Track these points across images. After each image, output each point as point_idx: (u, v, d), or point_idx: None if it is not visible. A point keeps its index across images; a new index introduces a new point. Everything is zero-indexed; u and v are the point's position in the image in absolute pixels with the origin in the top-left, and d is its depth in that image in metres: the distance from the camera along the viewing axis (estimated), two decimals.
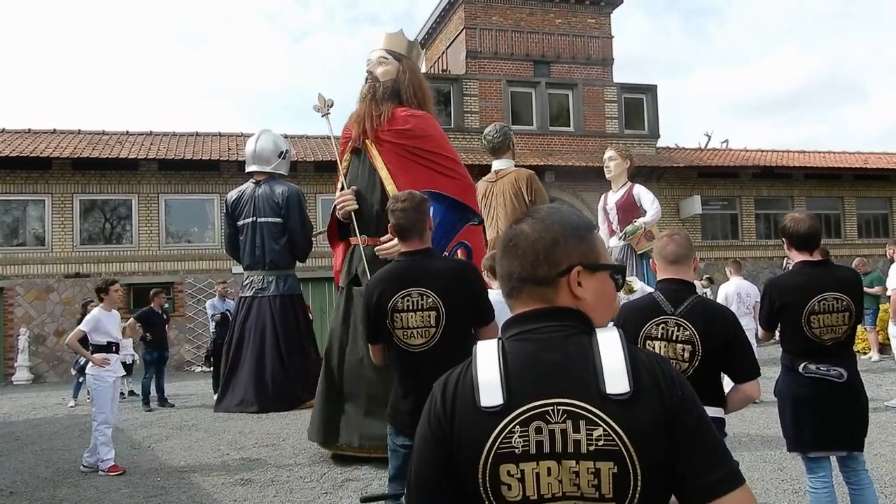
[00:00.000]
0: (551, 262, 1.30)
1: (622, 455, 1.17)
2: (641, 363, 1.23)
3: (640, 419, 1.18)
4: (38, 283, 16.75)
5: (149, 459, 6.85)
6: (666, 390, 1.22)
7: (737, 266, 9.57)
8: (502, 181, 6.38)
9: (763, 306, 3.58)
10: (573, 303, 1.30)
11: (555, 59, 20.96)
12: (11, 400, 12.38)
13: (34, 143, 17.12)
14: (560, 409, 1.20)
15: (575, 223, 1.35)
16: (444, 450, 1.26)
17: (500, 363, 1.25)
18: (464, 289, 3.07)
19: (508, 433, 1.20)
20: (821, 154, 23.73)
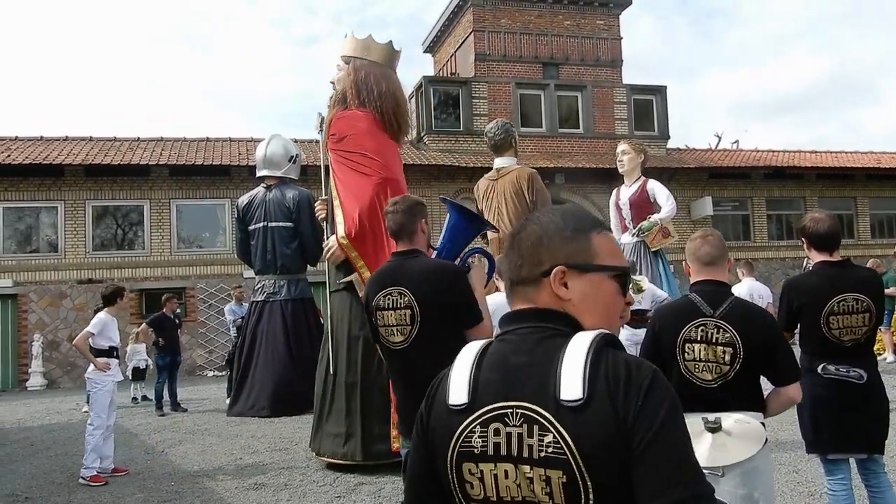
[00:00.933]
0: (533, 261, 1.29)
1: (570, 465, 1.12)
2: (605, 369, 1.16)
3: (590, 428, 1.12)
4: (52, 290, 16.85)
5: (162, 464, 6.88)
6: (623, 398, 1.13)
7: (749, 267, 9.50)
8: (503, 179, 6.30)
9: (781, 306, 3.53)
10: (557, 304, 1.27)
11: (564, 61, 20.94)
12: (26, 405, 12.46)
13: (46, 151, 17.25)
14: (518, 413, 1.18)
15: (565, 223, 1.32)
16: (425, 446, 1.30)
17: (473, 363, 1.27)
18: (439, 289, 3.07)
19: (469, 432, 1.21)
20: (833, 154, 23.60)
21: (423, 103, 19.89)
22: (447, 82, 20.92)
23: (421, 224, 3.25)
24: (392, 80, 6.03)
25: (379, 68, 5.99)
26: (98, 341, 6.66)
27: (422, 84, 20.04)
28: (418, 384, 3.18)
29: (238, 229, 11.00)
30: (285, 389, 9.77)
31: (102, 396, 6.52)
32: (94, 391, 6.57)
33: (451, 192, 19.07)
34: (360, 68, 5.93)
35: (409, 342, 3.12)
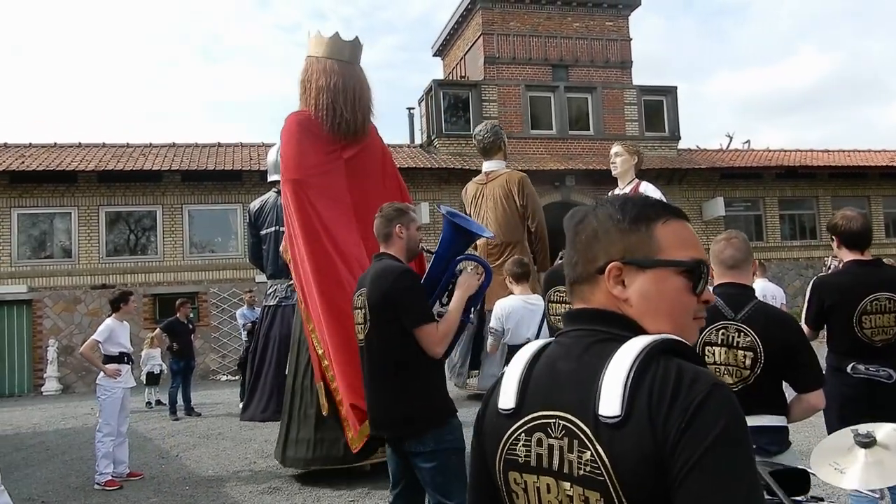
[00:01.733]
0: (588, 257, 1.17)
1: (607, 486, 1.02)
2: (650, 382, 1.03)
3: (627, 448, 1.01)
4: (66, 295, 16.97)
5: (177, 468, 6.91)
6: (664, 417, 1.00)
7: (762, 268, 9.47)
8: (493, 183, 6.20)
9: (811, 305, 3.49)
10: (613, 304, 1.15)
11: (573, 63, 20.92)
12: (41, 410, 12.55)
13: (60, 157, 17.38)
14: (560, 424, 1.09)
15: (623, 213, 1.18)
16: (481, 450, 1.24)
17: (525, 365, 1.19)
18: (380, 289, 3.14)
19: (515, 440, 1.15)
20: (845, 153, 23.44)
21: (433, 107, 19.91)
22: (457, 86, 20.93)
23: (396, 229, 3.30)
24: (335, 72, 5.75)
25: (323, 63, 5.78)
26: (108, 347, 6.64)
27: (431, 88, 20.07)
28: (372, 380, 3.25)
29: (250, 234, 11.03)
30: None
31: (112, 403, 6.50)
32: (103, 398, 6.55)
33: (461, 195, 19.07)
34: (305, 67, 5.85)
35: (364, 340, 3.24)
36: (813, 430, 6.64)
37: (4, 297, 16.61)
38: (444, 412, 3.17)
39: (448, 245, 3.40)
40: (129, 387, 6.81)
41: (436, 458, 3.07)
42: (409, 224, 3.34)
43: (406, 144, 21.06)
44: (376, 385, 3.24)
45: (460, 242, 3.43)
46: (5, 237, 16.81)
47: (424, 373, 3.14)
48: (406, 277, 3.16)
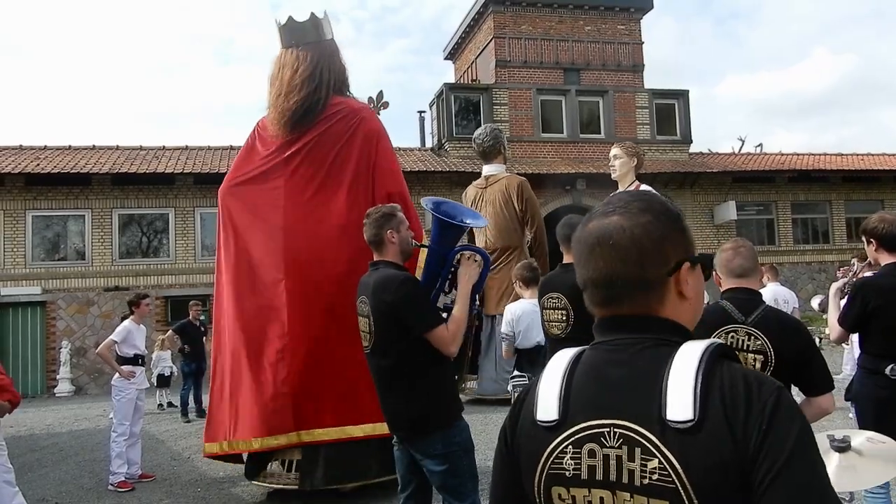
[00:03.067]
0: (662, 259, 1.13)
1: (678, 493, 0.99)
2: (720, 385, 1.02)
3: (703, 455, 0.99)
4: (79, 297, 17.10)
5: (189, 470, 6.95)
6: (743, 422, 0.99)
7: (774, 272, 9.39)
8: (492, 188, 6.12)
9: (853, 307, 3.46)
10: (679, 305, 1.14)
11: (585, 67, 20.90)
12: (54, 412, 12.64)
13: (74, 160, 17.52)
14: (616, 433, 1.05)
15: (674, 210, 1.18)
16: (511, 463, 1.19)
17: (564, 374, 1.14)
18: (382, 299, 3.15)
19: (560, 453, 1.09)
20: (859, 156, 23.29)
21: (444, 110, 19.94)
22: (468, 89, 20.96)
23: (387, 235, 3.30)
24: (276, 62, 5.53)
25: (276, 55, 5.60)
26: (123, 349, 6.73)
27: (443, 91, 20.10)
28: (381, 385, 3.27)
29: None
30: None
31: (126, 404, 6.57)
32: (118, 398, 6.63)
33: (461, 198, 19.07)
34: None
35: (371, 349, 3.26)
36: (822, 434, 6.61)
37: (18, 298, 16.76)
38: (452, 414, 3.19)
39: (440, 239, 3.41)
40: (143, 388, 6.88)
41: (445, 461, 3.09)
42: (400, 226, 3.35)
43: (417, 148, 21.10)
44: (385, 390, 3.28)
45: (451, 235, 3.44)
46: (20, 239, 16.96)
47: (431, 375, 3.17)
48: (407, 286, 3.18)
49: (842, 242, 21.61)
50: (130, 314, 7.02)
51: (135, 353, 6.79)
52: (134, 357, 6.77)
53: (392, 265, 3.30)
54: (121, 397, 6.59)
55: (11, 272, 16.85)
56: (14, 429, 10.43)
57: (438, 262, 3.42)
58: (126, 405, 6.57)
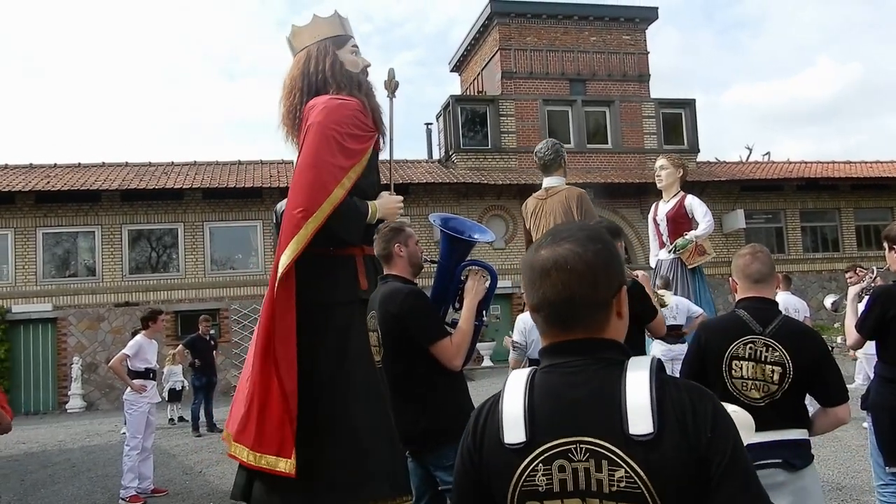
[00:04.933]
0: (609, 283, 1.25)
1: (644, 497, 1.13)
2: (671, 401, 1.17)
3: (663, 461, 1.13)
4: (90, 313, 17.18)
5: (200, 484, 6.95)
6: (693, 432, 1.15)
7: (785, 281, 9.36)
8: (552, 199, 6.14)
9: (871, 314, 3.44)
10: (617, 324, 1.26)
11: (590, 77, 20.95)
12: (66, 427, 12.68)
13: (84, 177, 17.66)
14: (582, 448, 1.17)
15: (611, 239, 1.31)
16: (477, 481, 1.27)
17: (525, 398, 1.23)
18: (388, 311, 3.17)
19: (532, 471, 1.19)
20: (867, 164, 23.21)
21: (451, 122, 20.01)
22: (474, 101, 21.03)
23: (395, 248, 3.33)
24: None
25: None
26: (134, 363, 6.76)
27: (449, 103, 20.17)
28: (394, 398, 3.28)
29: (277, 234, 11.08)
30: None
31: (138, 418, 6.60)
32: (130, 412, 6.66)
33: (480, 209, 19.11)
34: None
35: (381, 362, 3.29)
36: (838, 443, 6.57)
37: (30, 315, 16.85)
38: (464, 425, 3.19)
39: (447, 254, 3.43)
40: (155, 402, 6.92)
41: None
42: (408, 240, 3.37)
43: (424, 160, 21.17)
44: (397, 403, 3.29)
45: (459, 250, 3.45)
46: (31, 256, 17.08)
47: (441, 387, 3.17)
48: (412, 298, 3.19)
49: (852, 250, 21.51)
50: (144, 329, 7.04)
51: (146, 367, 6.83)
52: (145, 371, 6.81)
53: (400, 279, 3.32)
54: (133, 411, 6.63)
55: (23, 289, 16.97)
56: (26, 445, 10.47)
57: (447, 277, 3.43)
58: (138, 419, 6.60)
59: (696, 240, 6.53)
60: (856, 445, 6.56)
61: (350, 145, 4.93)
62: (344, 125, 4.92)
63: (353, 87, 5.22)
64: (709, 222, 6.60)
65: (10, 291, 16.92)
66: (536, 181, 19.86)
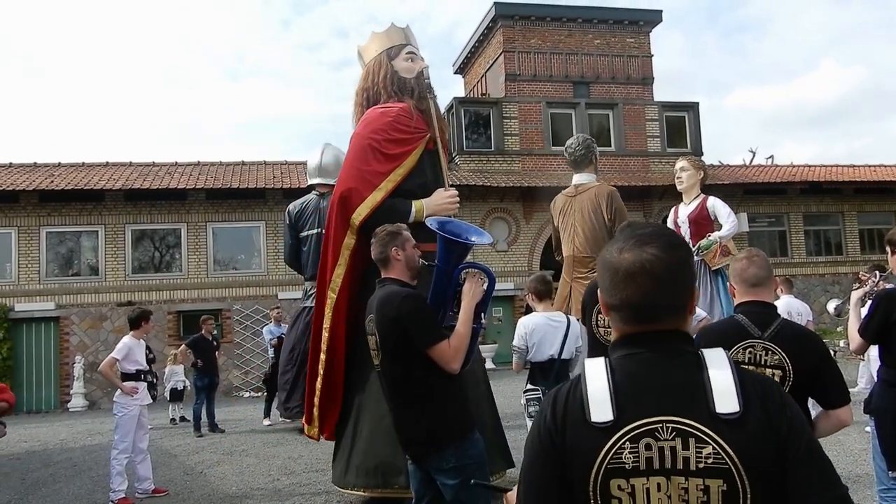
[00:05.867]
0: (686, 287, 1.35)
1: (731, 473, 1.20)
2: (750, 383, 1.27)
3: (749, 438, 1.22)
4: (93, 312, 17.21)
5: (201, 485, 6.95)
6: (775, 412, 1.25)
7: (787, 284, 9.33)
8: (582, 196, 6.03)
9: (875, 317, 3.43)
10: (689, 320, 1.37)
11: (594, 80, 20.94)
12: (68, 426, 12.69)
13: (88, 176, 17.70)
14: (669, 427, 1.23)
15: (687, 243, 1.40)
16: (556, 461, 1.30)
17: (608, 380, 1.29)
18: (385, 315, 3.18)
19: (619, 449, 1.24)
20: (871, 168, 23.18)
21: (455, 124, 20.02)
22: (478, 103, 21.03)
23: (392, 252, 3.35)
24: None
25: None
26: (125, 365, 6.63)
27: (453, 105, 20.18)
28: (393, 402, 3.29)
29: (289, 235, 11.08)
30: None
31: (128, 420, 6.50)
32: (120, 415, 6.53)
33: (483, 211, 19.11)
34: None
35: (380, 366, 3.29)
36: (840, 447, 6.55)
37: (33, 314, 16.89)
38: (464, 427, 3.19)
39: (445, 257, 3.43)
40: (146, 404, 6.80)
41: (458, 474, 3.08)
42: (405, 244, 3.38)
43: None
44: (397, 407, 3.29)
45: (456, 252, 3.45)
46: (34, 255, 17.12)
47: (440, 390, 3.17)
48: (410, 301, 3.19)
49: (855, 254, 21.48)
50: (133, 329, 6.88)
51: (136, 368, 6.68)
52: (136, 373, 6.67)
53: (397, 282, 3.32)
54: (123, 413, 6.51)
55: (26, 288, 17.00)
56: (28, 444, 10.48)
57: (445, 281, 3.43)
58: (128, 421, 6.49)
59: (720, 240, 6.40)
60: (858, 449, 6.54)
61: (390, 150, 5.30)
62: (381, 132, 5.30)
63: (405, 92, 5.54)
64: (733, 222, 6.47)
65: (13, 290, 16.96)
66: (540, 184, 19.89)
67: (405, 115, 5.37)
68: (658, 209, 19.57)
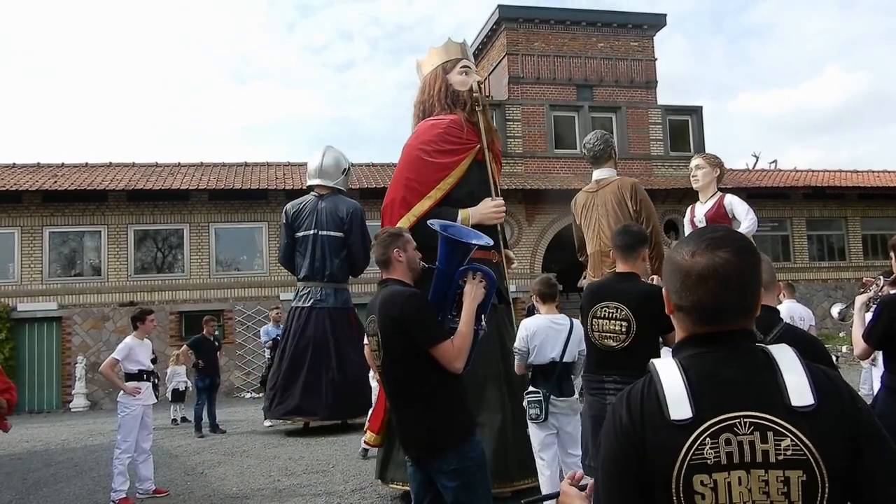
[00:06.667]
0: (756, 290, 1.39)
1: (810, 463, 1.24)
2: (820, 376, 1.32)
3: (824, 430, 1.26)
4: (95, 312, 17.22)
5: (202, 486, 6.95)
6: (848, 404, 1.30)
7: (790, 289, 9.30)
8: (604, 191, 5.98)
9: (878, 324, 3.43)
10: (753, 319, 1.40)
11: (598, 83, 20.94)
12: (69, 427, 12.69)
13: (91, 177, 17.73)
14: (747, 422, 1.27)
15: (755, 246, 1.43)
16: (634, 460, 1.32)
17: (683, 379, 1.33)
18: (389, 314, 3.19)
19: (700, 445, 1.28)
20: (874, 173, 23.14)
21: None
22: None
23: (394, 254, 3.35)
24: None
25: None
26: (126, 365, 6.61)
27: None
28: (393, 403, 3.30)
29: (284, 235, 11.10)
30: (340, 394, 9.91)
31: (131, 420, 6.50)
32: (122, 415, 6.53)
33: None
34: None
35: (381, 366, 3.28)
36: None
37: (35, 314, 16.90)
38: (465, 429, 3.19)
39: (446, 259, 3.43)
40: (149, 404, 6.78)
41: (460, 476, 3.08)
42: (406, 246, 3.39)
43: None
44: (397, 408, 3.28)
45: (458, 254, 3.45)
46: (37, 255, 17.14)
47: (441, 392, 3.16)
48: (413, 300, 3.19)
49: (858, 259, 21.45)
50: (133, 329, 6.90)
51: (139, 368, 6.67)
52: (138, 373, 6.66)
53: (399, 283, 3.32)
54: (125, 414, 6.51)
55: (28, 288, 17.02)
56: (29, 444, 10.49)
57: (446, 283, 3.43)
58: (130, 422, 6.49)
59: None
60: None
61: (439, 160, 5.56)
62: (431, 143, 5.58)
63: (458, 105, 5.81)
64: (752, 220, 6.31)
65: (16, 290, 16.98)
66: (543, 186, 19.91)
67: (455, 126, 5.64)
68: (661, 213, 19.54)
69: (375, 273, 3.59)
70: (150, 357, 6.93)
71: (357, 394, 9.71)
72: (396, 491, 5.74)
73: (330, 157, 11.07)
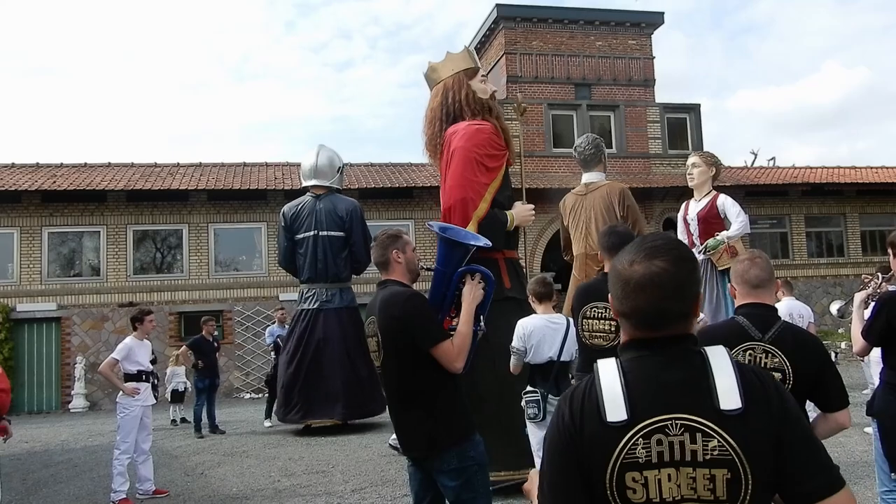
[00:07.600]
0: (693, 295, 1.45)
1: (735, 463, 1.33)
2: (750, 380, 1.39)
3: (751, 431, 1.34)
4: (94, 313, 17.22)
5: (202, 486, 6.96)
6: (775, 405, 1.38)
7: (788, 286, 9.32)
8: (593, 194, 6.05)
9: (878, 320, 3.43)
10: (693, 323, 1.48)
11: (596, 82, 20.94)
12: (69, 427, 12.70)
13: (90, 177, 17.72)
14: (678, 423, 1.36)
15: (693, 253, 1.48)
16: (574, 458, 1.41)
17: (621, 382, 1.40)
18: (389, 315, 3.18)
19: (633, 445, 1.36)
20: (873, 170, 23.14)
21: None
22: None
23: (393, 255, 3.36)
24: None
25: None
26: (126, 366, 6.61)
27: None
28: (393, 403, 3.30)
29: (283, 237, 11.05)
30: (355, 394, 9.91)
31: (130, 421, 6.49)
32: (122, 415, 6.53)
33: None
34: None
35: (381, 367, 3.28)
36: (842, 450, 6.55)
37: (34, 314, 16.90)
38: (466, 429, 3.19)
39: (445, 260, 3.43)
40: (149, 405, 6.78)
41: (460, 476, 3.08)
42: (405, 247, 3.39)
43: (429, 163, 21.13)
44: (397, 408, 3.28)
45: (456, 256, 3.46)
46: (36, 256, 17.13)
47: (442, 392, 3.17)
48: (413, 301, 3.20)
49: (857, 256, 21.46)
50: (133, 329, 6.90)
51: (138, 369, 6.65)
52: (138, 374, 6.65)
53: (398, 283, 3.33)
54: (125, 414, 6.50)
55: (27, 288, 17.02)
56: (29, 444, 10.49)
57: (444, 284, 3.44)
58: (130, 422, 6.48)
59: (728, 240, 6.29)
60: (859, 452, 6.54)
61: (489, 164, 5.78)
62: (483, 147, 5.77)
63: (485, 112, 6.03)
64: (742, 222, 6.36)
65: (15, 290, 16.97)
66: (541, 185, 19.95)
67: (496, 133, 5.91)
68: (659, 211, 19.57)
69: (376, 273, 3.58)
70: (149, 358, 6.92)
71: (372, 391, 9.74)
72: (397, 491, 5.76)
73: (324, 157, 11.05)
